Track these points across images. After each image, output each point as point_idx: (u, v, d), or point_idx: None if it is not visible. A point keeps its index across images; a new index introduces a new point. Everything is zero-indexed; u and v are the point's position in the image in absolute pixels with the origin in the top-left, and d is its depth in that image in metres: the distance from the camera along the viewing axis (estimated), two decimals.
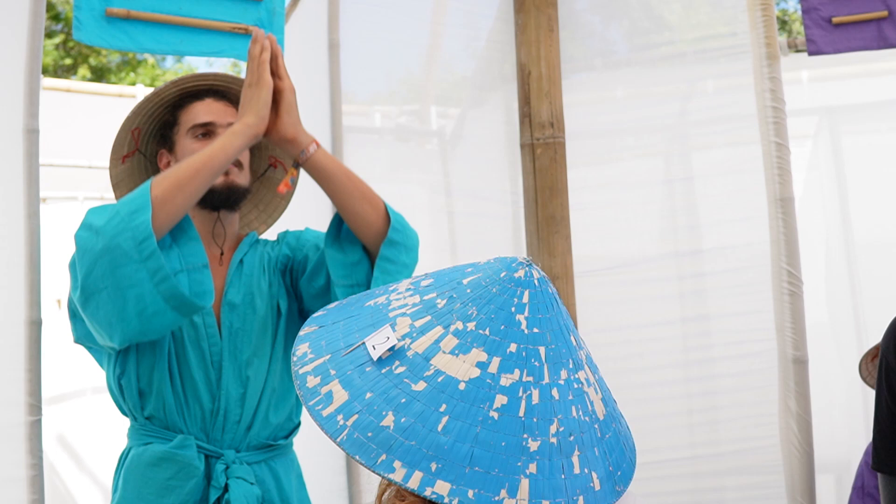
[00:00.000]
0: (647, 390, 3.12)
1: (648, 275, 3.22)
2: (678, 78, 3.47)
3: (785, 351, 2.80)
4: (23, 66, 2.73)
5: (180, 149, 2.48)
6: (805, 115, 4.86)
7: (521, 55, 2.67)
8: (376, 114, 4.32)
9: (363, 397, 1.26)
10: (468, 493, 1.20)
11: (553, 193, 2.60)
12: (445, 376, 1.26)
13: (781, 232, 2.82)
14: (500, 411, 1.24)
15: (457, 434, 1.22)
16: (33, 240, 2.68)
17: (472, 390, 1.25)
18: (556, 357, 1.31)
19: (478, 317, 1.30)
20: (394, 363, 1.28)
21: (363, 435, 1.23)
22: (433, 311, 1.32)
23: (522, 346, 1.29)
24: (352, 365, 1.30)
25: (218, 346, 2.45)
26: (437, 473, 1.21)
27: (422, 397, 1.25)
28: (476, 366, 1.26)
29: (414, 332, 1.30)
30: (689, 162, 3.40)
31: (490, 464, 1.22)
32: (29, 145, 2.70)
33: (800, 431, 2.77)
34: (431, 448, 1.22)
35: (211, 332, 2.45)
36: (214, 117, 2.48)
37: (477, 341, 1.28)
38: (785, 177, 2.83)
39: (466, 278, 1.36)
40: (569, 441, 1.27)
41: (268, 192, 2.75)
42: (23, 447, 2.63)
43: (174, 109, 2.53)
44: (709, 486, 3.11)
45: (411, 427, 1.23)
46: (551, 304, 1.34)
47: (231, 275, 2.52)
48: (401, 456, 1.21)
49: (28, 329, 2.65)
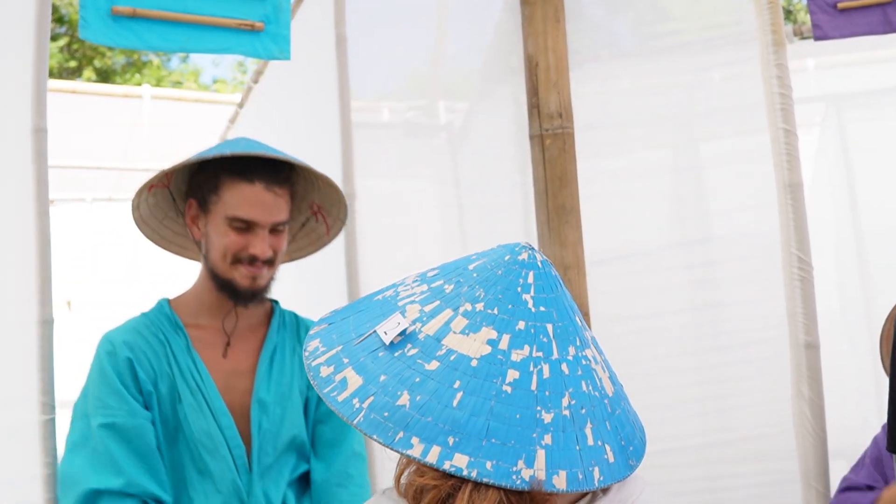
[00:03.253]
0: (659, 379, 3.12)
1: (659, 264, 3.23)
2: (684, 68, 3.46)
3: (797, 336, 2.80)
4: (30, 66, 2.73)
5: (213, 225, 2.38)
6: (812, 103, 4.87)
7: (528, 46, 2.67)
8: (384, 109, 4.33)
9: (377, 380, 1.29)
10: (486, 465, 1.22)
11: (563, 183, 2.59)
12: (458, 354, 1.29)
13: (791, 218, 2.82)
14: (513, 385, 1.27)
15: (472, 408, 1.25)
16: (44, 239, 2.68)
17: (484, 366, 1.28)
18: (564, 334, 1.34)
19: (485, 298, 1.33)
20: (406, 346, 1.31)
21: (379, 415, 1.26)
22: (441, 295, 1.36)
23: (531, 324, 1.32)
24: (364, 352, 1.33)
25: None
26: (455, 447, 1.23)
27: (435, 376, 1.28)
28: (487, 343, 1.29)
29: (424, 317, 1.34)
30: (697, 151, 3.40)
31: (506, 436, 1.24)
32: (38, 145, 2.70)
33: (813, 417, 2.77)
34: (448, 423, 1.25)
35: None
36: (258, 215, 2.34)
37: (486, 320, 1.31)
38: (793, 163, 2.83)
39: (471, 264, 1.40)
40: (581, 414, 1.30)
41: (304, 239, 2.68)
42: (37, 446, 2.63)
43: (219, 172, 2.39)
44: (723, 473, 3.11)
45: (427, 404, 1.26)
46: (555, 285, 1.38)
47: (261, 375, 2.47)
48: (418, 432, 1.24)
49: (40, 328, 2.65)
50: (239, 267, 2.37)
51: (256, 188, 2.33)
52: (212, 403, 2.39)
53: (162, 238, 2.65)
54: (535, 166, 2.65)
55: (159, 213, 2.55)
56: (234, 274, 2.38)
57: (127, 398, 2.34)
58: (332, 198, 2.55)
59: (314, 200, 2.59)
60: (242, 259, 2.36)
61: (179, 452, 2.39)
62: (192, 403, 2.38)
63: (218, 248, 2.37)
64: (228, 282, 2.39)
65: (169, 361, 2.40)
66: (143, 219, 2.56)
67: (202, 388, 2.39)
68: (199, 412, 2.37)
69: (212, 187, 2.39)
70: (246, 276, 2.37)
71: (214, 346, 2.47)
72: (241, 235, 2.34)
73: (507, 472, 1.22)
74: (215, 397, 2.39)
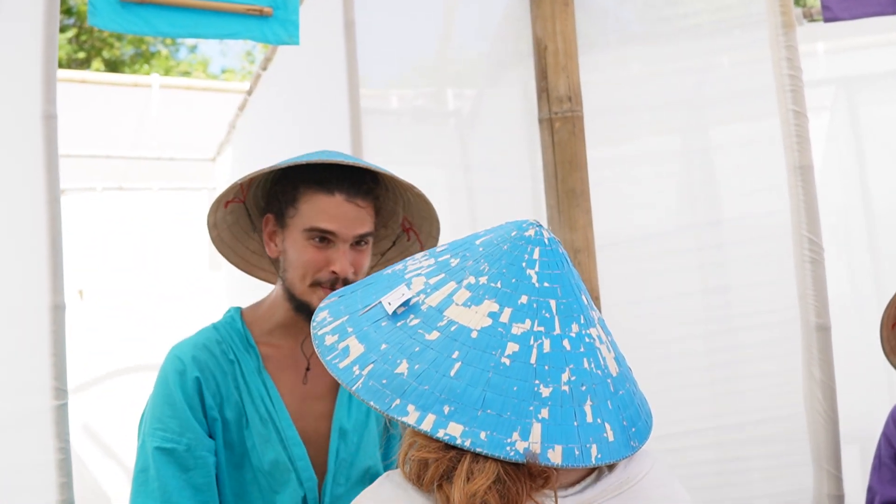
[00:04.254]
0: (669, 362, 3.12)
1: (669, 247, 3.22)
2: (693, 52, 3.45)
3: (808, 319, 2.80)
4: (39, 54, 2.73)
5: (291, 240, 2.20)
6: (821, 87, 4.85)
7: (537, 30, 2.67)
8: (393, 97, 4.33)
9: (378, 349, 1.31)
10: (480, 435, 1.23)
11: (573, 167, 2.60)
12: (458, 325, 1.30)
13: (801, 200, 2.81)
14: (512, 358, 1.28)
15: (469, 379, 1.26)
16: (55, 225, 2.68)
17: (484, 338, 1.29)
18: (567, 311, 1.34)
19: (490, 271, 1.34)
20: (408, 317, 1.33)
21: (378, 382, 1.28)
22: (447, 269, 1.37)
23: (533, 298, 1.33)
24: (368, 322, 1.35)
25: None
26: (450, 416, 1.25)
27: (435, 345, 1.29)
28: (488, 315, 1.31)
29: (428, 289, 1.35)
30: (707, 135, 3.39)
31: (502, 407, 1.25)
32: (47, 131, 2.70)
33: (824, 399, 2.77)
34: (444, 392, 1.26)
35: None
36: (338, 226, 2.16)
37: (489, 293, 1.32)
38: (804, 145, 2.82)
39: (478, 239, 1.41)
40: (581, 390, 1.30)
41: (396, 258, 2.46)
42: (50, 431, 2.64)
43: (297, 183, 2.20)
44: (734, 455, 3.11)
45: (425, 373, 1.27)
46: (562, 263, 1.38)
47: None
48: (414, 400, 1.26)
49: (51, 314, 2.66)
50: (318, 290, 2.18)
51: (337, 199, 2.16)
52: (283, 432, 2.23)
53: (240, 258, 2.47)
54: (544, 150, 2.65)
55: (239, 232, 2.39)
56: (312, 297, 2.19)
57: (190, 425, 2.19)
58: (423, 211, 2.35)
59: (405, 215, 2.40)
60: (322, 281, 2.18)
61: (245, 481, 2.25)
62: (260, 432, 2.23)
63: (296, 267, 2.20)
64: (306, 305, 2.20)
65: (237, 384, 2.25)
66: (223, 238, 2.38)
67: (272, 415, 2.24)
68: (267, 441, 2.23)
69: (290, 199, 2.21)
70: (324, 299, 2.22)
71: (288, 368, 2.30)
72: (321, 251, 2.17)
73: (500, 443, 1.23)
74: (287, 425, 2.23)
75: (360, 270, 2.21)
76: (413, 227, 2.40)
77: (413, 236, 2.41)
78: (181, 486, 2.16)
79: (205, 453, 2.19)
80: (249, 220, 2.36)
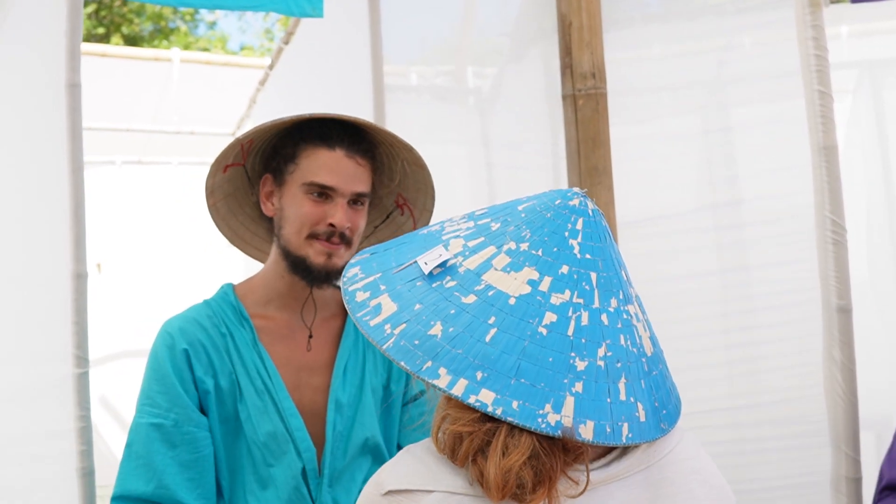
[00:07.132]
0: (689, 341, 3.11)
1: (690, 226, 3.21)
2: (716, 31, 3.43)
3: (829, 300, 2.78)
4: (63, 24, 2.74)
5: (289, 196, 2.21)
6: (844, 70, 4.81)
7: (562, 6, 2.65)
8: (412, 74, 4.32)
9: (412, 308, 1.28)
10: (513, 404, 1.21)
11: (596, 145, 2.58)
12: (496, 291, 1.27)
13: (825, 181, 2.79)
14: (549, 328, 1.25)
15: (504, 346, 1.24)
16: (78, 194, 2.69)
17: (521, 305, 1.26)
18: (608, 285, 1.32)
19: (531, 238, 1.31)
20: (445, 278, 1.30)
21: (409, 343, 1.25)
22: (487, 232, 1.34)
23: (574, 269, 1.30)
24: (402, 281, 1.33)
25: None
26: (483, 382, 1.22)
27: (471, 309, 1.26)
28: (527, 283, 1.28)
29: (466, 251, 1.32)
30: (729, 115, 3.38)
31: (536, 377, 1.23)
32: (71, 100, 2.71)
33: (844, 381, 2.76)
34: (478, 357, 1.23)
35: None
36: (338, 181, 2.17)
37: (529, 260, 1.30)
38: (828, 125, 2.80)
39: (521, 205, 1.38)
40: (616, 367, 1.28)
41: (385, 231, 2.47)
42: (71, 399, 2.66)
43: (297, 141, 2.21)
44: (751, 436, 3.11)
45: (459, 336, 1.25)
46: (604, 235, 1.35)
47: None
48: (447, 363, 1.23)
49: (74, 282, 2.67)
50: (314, 243, 2.18)
51: (337, 154, 2.17)
52: (280, 404, 2.22)
53: (233, 233, 2.44)
54: (567, 127, 2.64)
55: (234, 205, 2.37)
56: (308, 250, 2.19)
57: (179, 400, 2.18)
58: (419, 181, 2.33)
59: (400, 192, 2.39)
60: (319, 234, 2.18)
61: (240, 455, 2.23)
62: (256, 404, 2.22)
63: (293, 221, 2.19)
64: (302, 260, 2.20)
65: (231, 357, 2.24)
66: (217, 208, 2.36)
67: (269, 387, 2.22)
68: (263, 413, 2.21)
69: (289, 156, 2.22)
70: (321, 252, 2.18)
71: (283, 340, 2.30)
72: (319, 205, 2.17)
73: (532, 414, 1.21)
74: (284, 397, 2.22)
75: (356, 229, 2.22)
76: (407, 202, 2.39)
77: (407, 211, 2.40)
78: (167, 464, 2.16)
79: (192, 429, 2.19)
80: (249, 184, 2.34)
